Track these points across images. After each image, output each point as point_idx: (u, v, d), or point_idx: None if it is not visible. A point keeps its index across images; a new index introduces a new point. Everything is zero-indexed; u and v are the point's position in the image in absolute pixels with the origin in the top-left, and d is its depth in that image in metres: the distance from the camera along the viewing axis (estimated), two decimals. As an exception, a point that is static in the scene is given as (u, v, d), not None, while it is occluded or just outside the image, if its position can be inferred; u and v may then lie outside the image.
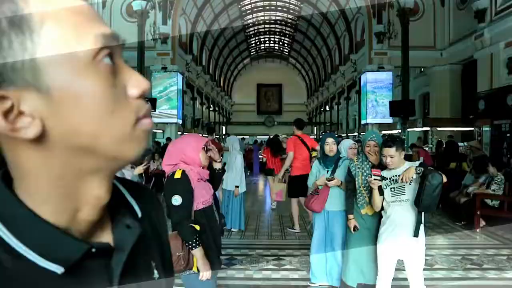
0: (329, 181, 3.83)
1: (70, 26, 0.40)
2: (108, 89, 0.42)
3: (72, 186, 0.45)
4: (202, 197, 2.43)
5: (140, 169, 4.43)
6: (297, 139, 6.22)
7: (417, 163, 3.06)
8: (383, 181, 3.08)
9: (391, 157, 3.00)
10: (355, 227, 3.48)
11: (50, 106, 0.40)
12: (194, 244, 2.28)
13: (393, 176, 3.05)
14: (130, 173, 4.37)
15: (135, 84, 0.45)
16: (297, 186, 5.98)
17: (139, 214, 0.55)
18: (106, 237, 0.50)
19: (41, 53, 0.39)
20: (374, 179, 3.03)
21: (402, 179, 2.94)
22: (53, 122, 0.40)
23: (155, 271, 0.55)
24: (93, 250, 0.45)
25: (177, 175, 2.36)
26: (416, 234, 2.95)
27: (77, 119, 0.41)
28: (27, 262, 0.41)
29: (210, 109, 29.03)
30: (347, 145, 4.12)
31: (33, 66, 0.39)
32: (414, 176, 2.92)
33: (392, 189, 3.06)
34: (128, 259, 0.48)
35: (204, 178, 2.48)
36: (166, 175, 2.49)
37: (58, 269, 0.41)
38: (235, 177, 6.15)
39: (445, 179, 2.89)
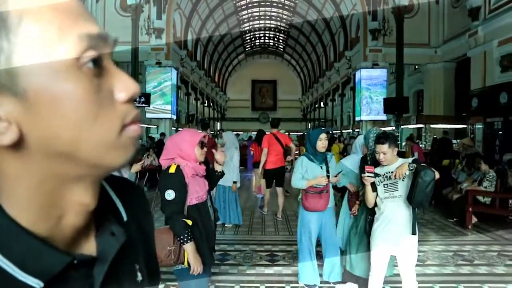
0: (335, 176, 3.78)
1: (52, 24, 0.37)
2: (92, 93, 0.39)
3: (55, 193, 0.42)
4: (196, 193, 2.43)
5: (137, 167, 4.35)
6: (271, 137, 6.96)
7: (410, 159, 3.08)
8: (377, 177, 3.10)
9: (384, 154, 3.02)
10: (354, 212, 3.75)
11: (27, 110, 0.37)
12: (185, 239, 2.28)
13: (386, 173, 3.07)
14: (127, 171, 4.33)
15: (123, 87, 0.42)
16: (271, 178, 7.07)
17: (125, 218, 0.54)
18: (90, 244, 0.48)
19: (18, 54, 0.36)
20: (367, 176, 3.04)
21: (395, 176, 2.96)
22: (30, 127, 0.38)
23: (139, 274, 0.54)
24: (75, 261, 0.43)
25: (172, 169, 2.36)
26: (414, 232, 2.98)
27: (56, 124, 0.38)
28: (4, 274, 0.39)
29: (205, 104, 28.97)
30: (362, 142, 3.89)
31: (9, 68, 0.36)
32: (407, 172, 2.94)
33: (385, 186, 3.08)
34: (111, 266, 0.47)
35: (200, 174, 2.47)
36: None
37: (38, 284, 0.40)
38: (232, 173, 6.17)
39: (437, 176, 2.91)
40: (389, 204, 3.06)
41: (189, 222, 2.32)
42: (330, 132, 19.03)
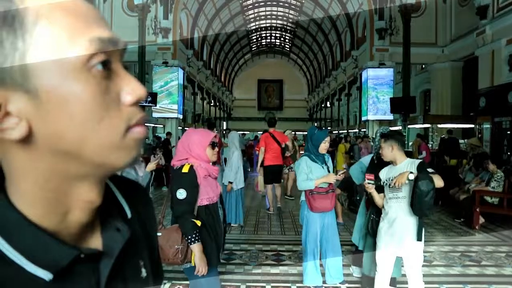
0: (342, 174, 3.79)
1: (65, 27, 0.39)
2: (99, 95, 0.41)
3: (61, 190, 0.44)
4: (207, 194, 2.43)
5: (152, 166, 4.39)
6: (268, 136, 7.34)
7: (417, 161, 3.07)
8: (380, 181, 3.14)
9: (382, 148, 3.16)
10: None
11: (37, 108, 0.38)
12: (193, 239, 2.29)
13: (387, 180, 3.10)
14: (143, 169, 4.36)
15: (130, 91, 0.43)
16: (270, 174, 7.30)
17: (129, 215, 0.55)
18: (96, 239, 0.49)
19: (31, 54, 0.37)
20: (368, 183, 3.11)
21: (395, 183, 2.97)
22: (39, 125, 0.39)
23: (143, 270, 0.55)
24: (82, 255, 0.44)
25: (185, 169, 2.37)
26: (419, 238, 2.97)
27: (63, 123, 0.39)
28: (14, 267, 0.40)
29: (211, 104, 29.04)
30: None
31: (23, 66, 0.37)
32: (407, 182, 2.93)
33: (390, 185, 3.09)
34: (116, 261, 0.48)
35: (213, 175, 2.48)
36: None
37: (46, 276, 0.41)
38: (230, 172, 6.20)
39: (440, 184, 2.91)
40: (393, 205, 3.07)
41: (198, 223, 2.33)
42: (336, 132, 18.99)
